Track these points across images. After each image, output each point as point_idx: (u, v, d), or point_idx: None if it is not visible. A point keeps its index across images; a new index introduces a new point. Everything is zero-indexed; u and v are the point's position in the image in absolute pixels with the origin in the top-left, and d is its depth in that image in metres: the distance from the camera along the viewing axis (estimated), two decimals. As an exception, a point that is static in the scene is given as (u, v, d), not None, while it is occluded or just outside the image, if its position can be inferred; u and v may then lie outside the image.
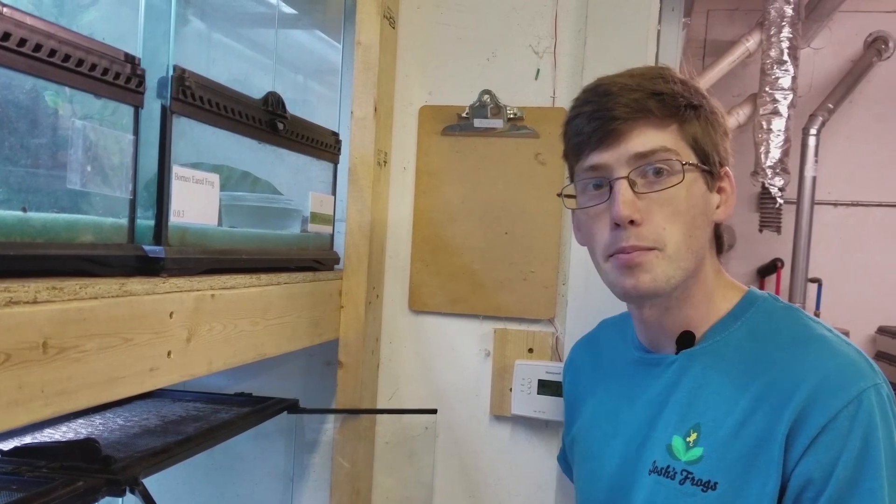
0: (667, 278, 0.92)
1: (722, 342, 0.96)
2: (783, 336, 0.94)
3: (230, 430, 1.29)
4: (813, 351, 0.90)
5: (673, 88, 0.93)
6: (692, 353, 0.97)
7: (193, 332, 1.03)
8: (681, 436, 0.94)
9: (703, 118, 0.95)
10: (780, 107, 4.28)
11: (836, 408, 0.84)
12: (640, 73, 0.96)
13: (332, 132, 1.48)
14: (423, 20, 1.56)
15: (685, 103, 0.93)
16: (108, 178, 0.92)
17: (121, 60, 0.89)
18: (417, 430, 1.60)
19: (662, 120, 0.92)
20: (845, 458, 0.83)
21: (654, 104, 0.92)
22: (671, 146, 0.92)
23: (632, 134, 0.92)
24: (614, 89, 0.93)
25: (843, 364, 0.88)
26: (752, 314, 0.97)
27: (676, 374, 0.98)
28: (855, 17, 4.93)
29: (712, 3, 5.00)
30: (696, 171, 0.93)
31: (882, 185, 5.05)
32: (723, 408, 0.91)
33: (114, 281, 0.88)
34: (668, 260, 0.92)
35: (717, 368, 0.94)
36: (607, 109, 0.92)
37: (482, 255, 1.54)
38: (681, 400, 0.96)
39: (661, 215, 0.91)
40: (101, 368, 0.85)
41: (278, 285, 1.25)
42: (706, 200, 0.95)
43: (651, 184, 0.92)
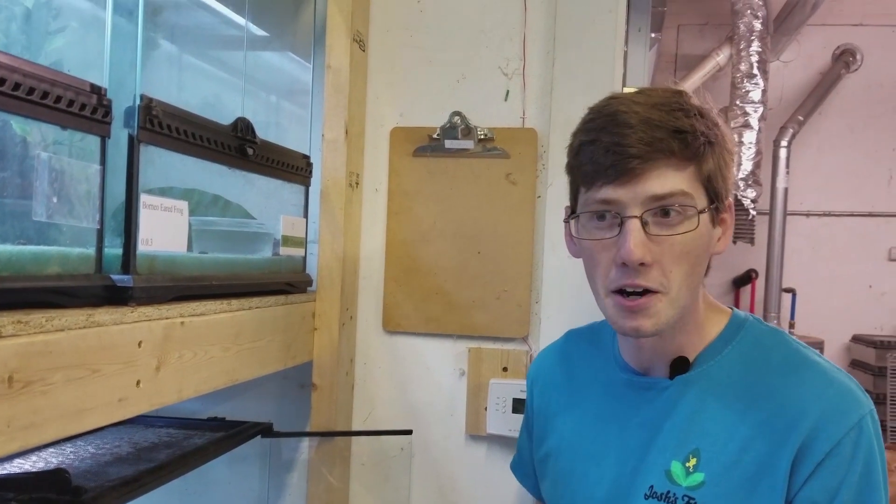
0: (667, 319, 0.92)
1: (715, 367, 0.97)
2: (776, 361, 0.95)
3: (203, 455, 1.28)
4: (810, 378, 0.92)
5: (694, 125, 0.89)
6: (686, 378, 0.97)
7: (163, 361, 1.02)
8: (680, 461, 0.94)
9: (718, 154, 0.92)
10: (750, 119, 4.34)
11: (840, 434, 0.87)
12: (660, 104, 0.90)
13: (302, 155, 1.48)
14: (393, 43, 1.58)
15: (704, 141, 0.90)
16: (74, 209, 0.92)
17: (86, 91, 0.89)
18: (393, 451, 1.60)
19: (681, 161, 0.89)
20: (849, 482, 0.86)
21: (676, 145, 0.88)
22: (688, 189, 0.89)
23: (651, 174, 0.88)
24: (633, 121, 0.88)
25: (842, 391, 0.91)
26: (741, 338, 0.98)
27: (672, 399, 0.97)
28: (823, 30, 5.01)
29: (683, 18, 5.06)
30: (707, 213, 0.92)
31: (853, 195, 5.12)
32: (722, 434, 0.92)
33: (81, 312, 0.87)
34: (669, 302, 0.91)
35: (713, 394, 0.95)
36: (626, 145, 0.88)
37: (455, 274, 1.55)
38: (678, 425, 0.96)
39: (669, 258, 0.90)
40: (68, 401, 0.85)
41: (250, 310, 1.24)
42: (710, 237, 0.94)
43: (663, 226, 0.89)
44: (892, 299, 5.09)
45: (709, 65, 4.51)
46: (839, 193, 5.13)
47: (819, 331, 4.78)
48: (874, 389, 4.63)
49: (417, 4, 1.56)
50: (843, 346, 5.09)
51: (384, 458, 1.60)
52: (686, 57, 5.10)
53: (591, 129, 0.92)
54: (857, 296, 5.12)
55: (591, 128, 0.92)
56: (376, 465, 1.60)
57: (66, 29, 1.14)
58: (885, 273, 5.12)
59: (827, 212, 5.14)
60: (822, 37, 5.06)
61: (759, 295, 5.03)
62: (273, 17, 1.56)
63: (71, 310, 0.87)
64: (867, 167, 5.11)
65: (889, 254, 5.11)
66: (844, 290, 5.12)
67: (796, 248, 5.03)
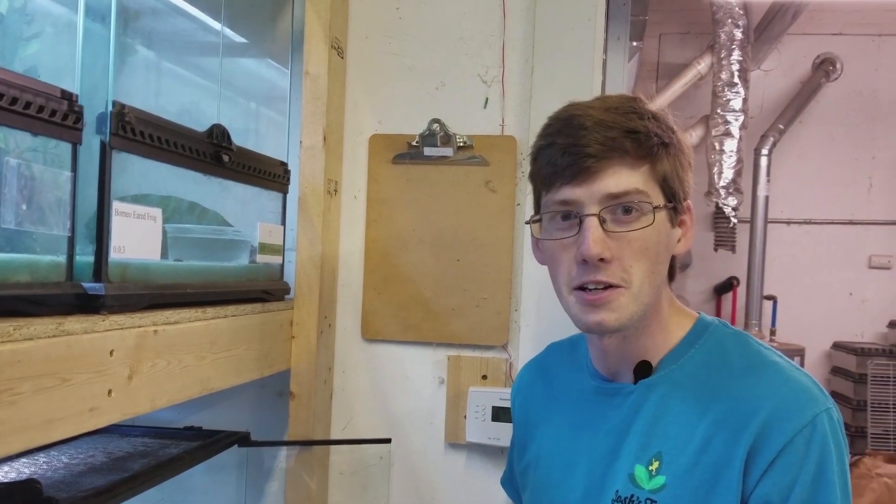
0: (630, 315, 0.93)
1: (678, 370, 0.98)
2: (736, 363, 0.96)
3: (178, 465, 1.27)
4: (766, 377, 0.93)
5: (647, 126, 0.92)
6: (650, 382, 0.98)
7: (135, 370, 1.01)
8: (643, 465, 0.95)
9: (673, 155, 0.95)
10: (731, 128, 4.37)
11: (792, 432, 0.87)
12: (615, 107, 0.94)
13: (280, 162, 1.47)
14: (372, 50, 1.57)
15: (658, 142, 0.93)
16: (44, 216, 0.90)
17: (57, 98, 0.88)
18: (372, 460, 1.59)
19: (636, 160, 0.92)
20: (802, 481, 0.86)
21: (629, 144, 0.91)
22: (642, 187, 0.92)
23: (605, 173, 0.91)
24: (588, 123, 0.91)
25: (797, 389, 0.91)
26: (704, 341, 0.99)
27: (636, 403, 0.99)
28: (803, 39, 5.06)
29: (664, 27, 5.10)
30: (664, 211, 0.94)
31: (833, 203, 5.17)
32: (682, 436, 0.93)
33: (50, 321, 0.86)
34: (632, 297, 0.93)
35: (675, 396, 0.96)
36: (582, 146, 0.91)
37: (434, 282, 1.54)
38: (641, 429, 0.97)
39: (628, 253, 0.92)
40: (36, 411, 0.84)
41: (225, 318, 1.23)
42: (669, 236, 0.96)
43: (620, 223, 0.92)
44: (872, 306, 5.14)
45: (690, 73, 4.54)
46: (820, 201, 5.17)
47: (800, 338, 4.81)
48: (855, 396, 4.66)
49: (396, 11, 1.56)
50: (824, 353, 5.12)
51: (363, 466, 1.59)
52: (668, 65, 5.14)
53: (548, 134, 0.96)
54: (838, 303, 5.16)
55: (549, 132, 0.96)
56: (355, 474, 1.59)
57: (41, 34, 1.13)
58: (865, 280, 5.16)
59: (807, 220, 5.18)
60: (802, 46, 5.11)
61: (740, 302, 5.06)
62: (251, 23, 1.55)
63: (40, 318, 0.86)
64: (847, 175, 5.16)
65: (869, 261, 5.15)
66: (825, 297, 5.16)
67: (777, 256, 5.06)
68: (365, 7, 1.57)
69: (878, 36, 5.09)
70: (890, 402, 4.53)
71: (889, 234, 5.14)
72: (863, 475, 3.93)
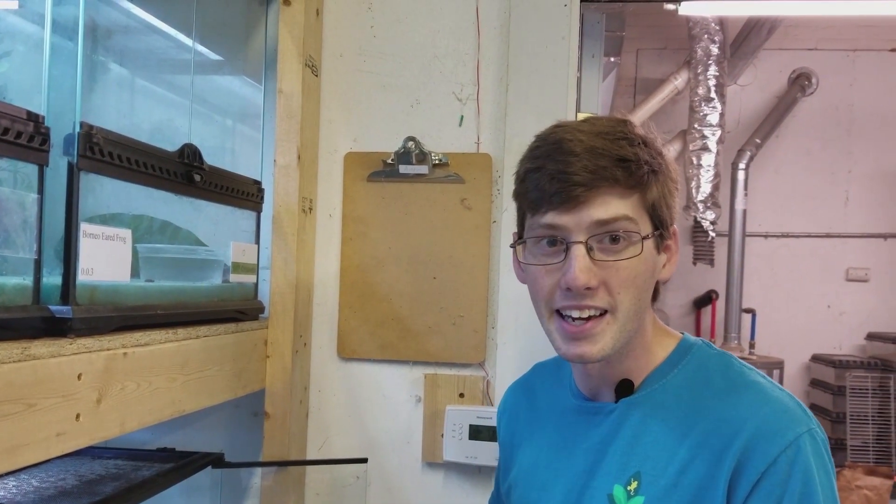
0: (614, 343, 0.93)
1: (660, 389, 0.97)
2: (718, 383, 0.95)
3: (151, 488, 1.25)
4: (748, 398, 0.91)
5: (638, 154, 0.90)
6: (631, 401, 0.97)
7: (104, 393, 0.99)
8: (622, 484, 0.94)
9: (662, 182, 0.93)
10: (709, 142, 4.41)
11: (775, 453, 0.86)
12: (605, 132, 0.91)
13: (253, 181, 1.46)
14: (346, 68, 1.57)
15: (648, 170, 0.91)
16: (10, 239, 0.89)
17: (23, 119, 0.87)
18: (349, 480, 1.57)
19: (625, 189, 0.90)
20: (787, 502, 0.85)
21: (620, 173, 0.89)
22: (632, 215, 0.91)
23: (594, 201, 0.89)
24: (578, 149, 0.89)
25: (779, 410, 0.90)
26: (687, 361, 0.98)
27: (616, 422, 0.98)
28: (779, 54, 5.12)
29: (641, 43, 5.14)
30: (651, 239, 0.93)
31: (810, 217, 5.22)
32: (663, 456, 0.92)
33: (16, 345, 0.85)
34: (617, 324, 0.92)
35: (656, 416, 0.95)
36: (571, 173, 0.89)
37: (410, 300, 1.54)
38: (621, 448, 0.96)
39: (615, 281, 0.91)
40: (0, 437, 0.82)
41: (197, 339, 1.22)
42: (655, 263, 0.95)
43: (608, 251, 0.90)
44: (850, 319, 5.18)
45: (667, 88, 4.58)
46: (797, 215, 5.22)
47: (779, 350, 4.85)
48: (834, 408, 4.69)
49: (370, 30, 1.56)
50: (803, 365, 5.15)
51: (339, 487, 1.58)
52: (645, 81, 5.18)
53: (536, 157, 0.93)
54: (816, 316, 5.20)
55: (537, 155, 0.93)
56: (331, 494, 1.58)
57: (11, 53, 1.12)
58: (842, 293, 5.21)
59: (785, 233, 5.23)
60: (778, 61, 5.17)
61: (719, 315, 5.08)
62: (225, 40, 1.55)
63: (5, 343, 0.85)
64: (824, 189, 5.21)
65: (847, 274, 5.20)
66: (803, 310, 5.20)
67: (755, 269, 5.10)
68: (339, 25, 1.57)
69: (852, 51, 5.16)
70: (868, 414, 4.57)
71: (866, 246, 5.19)
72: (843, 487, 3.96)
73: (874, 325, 5.09)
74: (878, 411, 4.58)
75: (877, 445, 4.57)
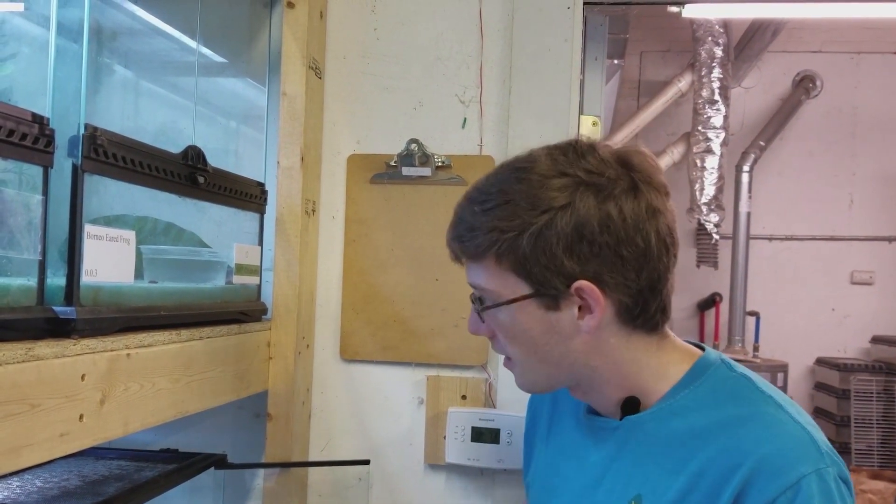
0: (531, 383, 0.99)
1: (667, 410, 0.92)
2: (728, 410, 0.90)
3: (154, 488, 1.25)
4: (756, 429, 0.86)
5: (480, 223, 0.90)
6: (637, 420, 0.94)
7: (108, 394, 1.00)
8: None
9: (532, 239, 0.87)
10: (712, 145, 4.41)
11: (773, 494, 0.81)
12: (473, 192, 0.94)
13: (256, 183, 1.47)
14: (350, 70, 1.58)
15: (495, 238, 0.88)
16: (15, 240, 0.90)
17: (28, 121, 0.87)
18: (351, 482, 1.58)
19: (475, 257, 0.93)
20: None
21: (457, 246, 0.95)
22: (484, 284, 0.93)
23: (464, 265, 0.97)
24: (455, 216, 0.96)
25: (788, 445, 0.84)
26: (700, 383, 0.93)
27: (620, 440, 0.95)
28: (783, 56, 5.12)
29: (645, 45, 5.14)
30: (522, 301, 0.90)
31: (815, 219, 5.21)
32: (663, 482, 0.89)
33: (20, 345, 0.85)
34: (521, 369, 0.97)
35: (660, 438, 0.91)
36: (447, 238, 0.97)
37: (413, 302, 1.54)
38: (624, 468, 0.94)
39: (500, 335, 0.96)
40: (4, 437, 0.82)
41: (201, 340, 1.22)
42: (549, 321, 0.91)
43: (478, 313, 0.97)
44: (855, 322, 5.17)
45: (671, 91, 4.58)
46: (801, 218, 5.21)
47: (783, 353, 4.84)
48: (838, 412, 4.68)
49: (374, 32, 1.57)
50: (807, 368, 5.15)
51: (342, 488, 1.58)
52: (649, 83, 5.18)
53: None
54: (821, 319, 5.19)
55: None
56: (334, 495, 1.58)
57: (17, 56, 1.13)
58: (847, 296, 5.20)
59: (789, 236, 5.22)
60: (782, 63, 5.17)
61: (723, 318, 5.08)
62: (229, 42, 1.55)
63: (9, 343, 0.85)
64: (828, 192, 5.20)
65: (851, 277, 5.19)
66: (808, 313, 5.19)
67: (759, 272, 5.09)
68: (342, 28, 1.58)
69: (856, 53, 5.15)
70: (873, 417, 4.56)
71: (870, 249, 5.18)
72: (846, 491, 3.94)
73: (879, 328, 5.07)
74: (883, 415, 4.57)
75: (881, 449, 4.56)
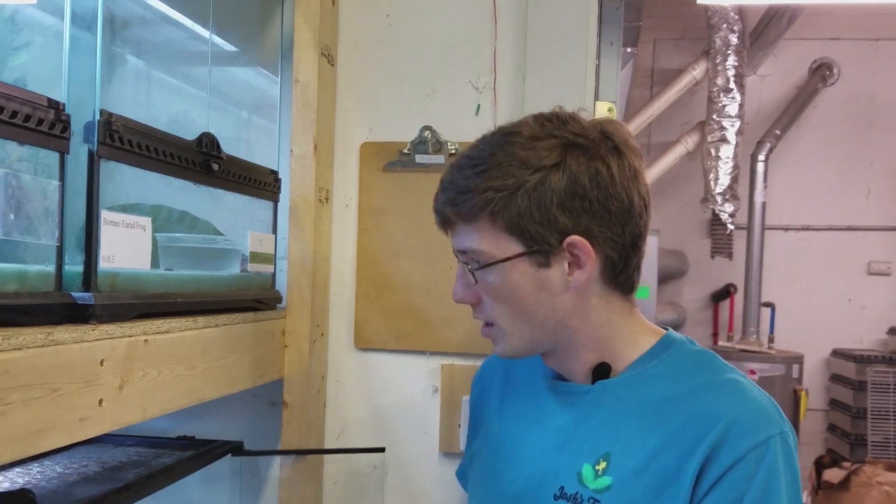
0: (514, 348, 1.00)
1: (637, 377, 0.99)
2: (697, 378, 0.97)
3: (171, 475, 1.26)
4: (726, 395, 0.94)
5: (474, 185, 0.93)
6: (608, 384, 0.99)
7: (126, 379, 1.01)
8: (591, 464, 0.96)
9: (526, 196, 0.92)
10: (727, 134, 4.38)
11: (744, 449, 0.88)
12: (461, 160, 0.97)
13: (270, 170, 1.47)
14: (362, 57, 1.57)
15: (490, 198, 0.92)
16: (33, 226, 0.90)
17: (44, 106, 0.88)
18: (366, 469, 1.58)
19: (468, 219, 0.95)
20: (749, 498, 0.87)
21: (450, 210, 0.96)
22: (476, 246, 0.95)
23: (453, 231, 0.99)
24: (442, 184, 0.98)
25: (754, 410, 0.92)
26: (668, 355, 1.00)
27: (591, 403, 1.00)
28: (799, 44, 5.07)
29: (658, 33, 5.10)
30: (515, 259, 0.94)
31: (831, 209, 5.16)
32: (635, 440, 0.94)
33: (39, 330, 0.86)
34: (503, 334, 1.00)
35: (632, 402, 0.97)
36: (435, 204, 0.99)
37: (427, 290, 1.54)
38: (593, 429, 0.98)
39: (487, 299, 0.98)
40: (25, 421, 0.83)
41: (217, 327, 1.23)
42: (540, 278, 0.95)
43: (473, 274, 0.97)
44: (871, 313, 5.13)
45: (685, 79, 4.55)
46: (817, 207, 5.17)
47: (798, 345, 4.80)
48: (854, 404, 4.65)
49: (386, 19, 1.57)
50: (823, 360, 5.11)
51: (357, 476, 1.58)
52: (662, 71, 5.15)
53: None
54: (837, 310, 5.15)
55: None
56: (349, 483, 1.59)
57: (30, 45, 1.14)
58: (864, 287, 5.15)
59: (805, 226, 5.18)
60: (798, 51, 5.11)
61: (738, 309, 5.05)
62: (240, 31, 1.55)
63: (29, 328, 0.86)
64: (845, 181, 5.15)
65: (868, 267, 5.15)
66: (824, 304, 5.15)
67: (775, 263, 5.05)
68: (355, 15, 1.57)
69: (874, 40, 5.10)
70: (890, 409, 4.53)
71: (888, 240, 5.13)
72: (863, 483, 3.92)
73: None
74: (900, 406, 4.54)
75: (898, 441, 4.53)
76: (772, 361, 4.32)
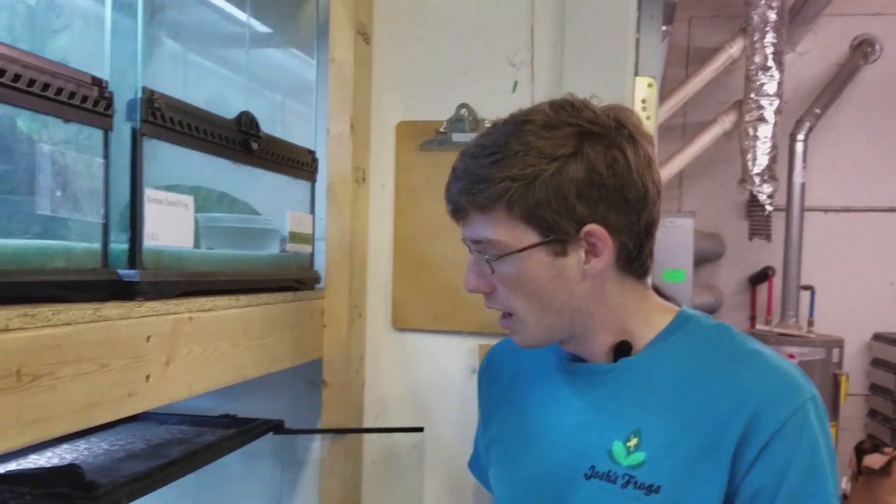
0: (534, 336, 1.00)
1: (659, 353, 0.99)
2: (720, 351, 0.97)
3: (214, 452, 1.28)
4: (753, 366, 0.95)
5: (490, 174, 0.91)
6: (630, 361, 0.99)
7: (172, 356, 1.02)
8: (621, 441, 0.95)
9: (543, 186, 0.91)
10: (765, 113, 4.29)
11: (783, 418, 0.89)
12: (475, 149, 0.95)
13: (307, 150, 1.47)
14: (398, 35, 1.57)
15: (507, 187, 0.91)
16: (78, 203, 0.92)
17: (88, 84, 0.89)
18: (405, 449, 1.59)
19: (484, 209, 0.93)
20: (795, 465, 0.89)
21: (466, 200, 0.94)
22: (491, 235, 0.94)
23: (465, 220, 0.97)
24: (457, 171, 0.96)
25: (784, 378, 0.93)
26: (686, 331, 1.00)
27: (614, 381, 0.99)
28: (840, 20, 4.95)
29: (694, 10, 5.02)
30: (532, 249, 0.93)
31: (872, 190, 5.05)
32: (664, 414, 0.94)
33: (87, 306, 0.87)
34: (522, 323, 0.99)
35: (657, 377, 0.97)
36: (447, 198, 0.97)
37: (464, 270, 1.53)
38: (620, 406, 0.98)
39: (503, 288, 0.97)
40: (77, 395, 0.85)
41: (258, 306, 1.24)
42: (557, 267, 0.94)
43: (488, 263, 0.96)
44: (913, 296, 5.03)
45: (722, 57, 4.46)
46: (858, 188, 5.06)
47: (838, 329, 4.71)
48: None
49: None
50: (864, 344, 5.02)
51: (396, 455, 1.59)
52: (698, 50, 5.06)
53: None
54: (878, 293, 5.05)
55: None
56: (388, 462, 1.60)
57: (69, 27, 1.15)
58: (906, 269, 5.05)
59: (846, 207, 5.08)
60: (839, 27, 4.99)
61: (776, 293, 4.97)
62: (275, 12, 1.55)
63: (78, 304, 0.87)
64: (887, 161, 5.04)
65: (910, 249, 5.04)
66: (864, 287, 5.05)
67: (814, 245, 4.96)
68: (391, -8, 1.57)
69: (917, 16, 4.96)
70: (932, 393, 4.44)
71: (931, 221, 5.02)
72: (903, 468, 3.86)
73: (939, 301, 4.93)
74: (942, 391, 4.45)
75: (942, 425, 4.44)
76: (811, 345, 4.25)
